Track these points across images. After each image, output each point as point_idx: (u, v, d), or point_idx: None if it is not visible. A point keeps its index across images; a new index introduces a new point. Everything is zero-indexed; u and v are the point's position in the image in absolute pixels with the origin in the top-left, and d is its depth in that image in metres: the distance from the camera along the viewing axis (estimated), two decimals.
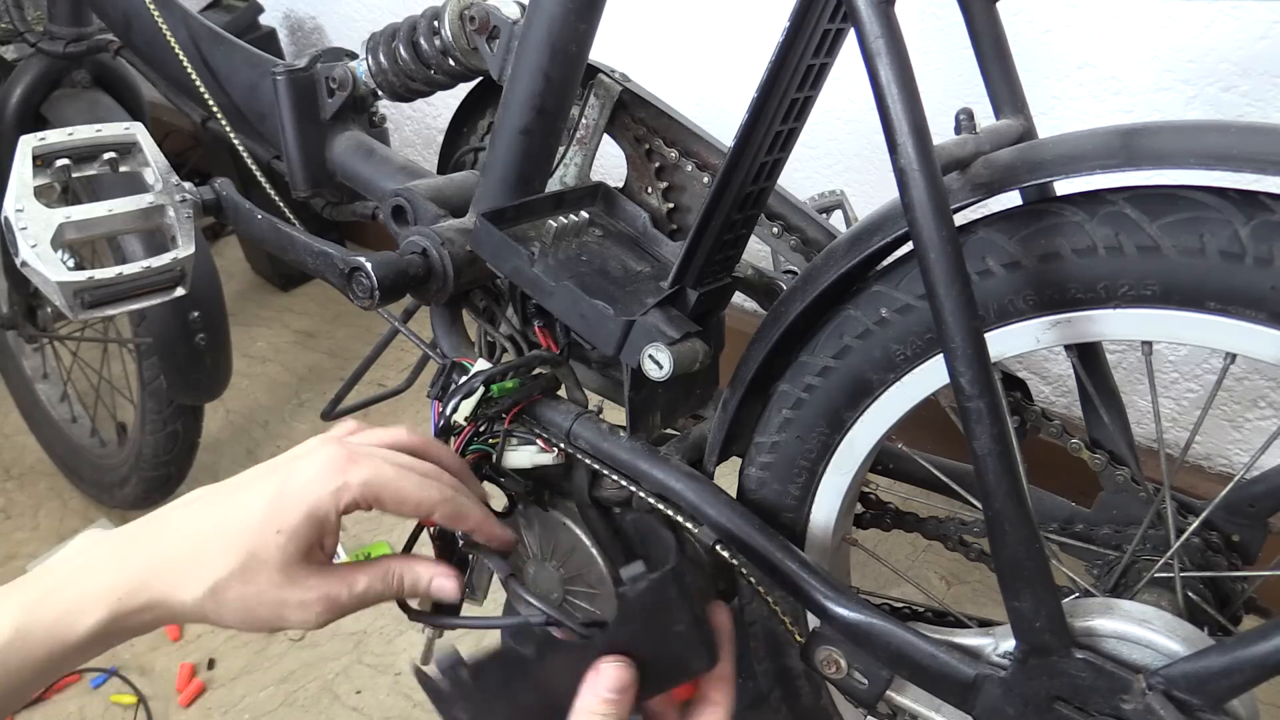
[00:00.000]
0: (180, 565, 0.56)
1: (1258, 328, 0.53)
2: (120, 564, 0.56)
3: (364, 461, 0.58)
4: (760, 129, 0.62)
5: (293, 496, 0.57)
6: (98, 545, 0.57)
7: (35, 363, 1.65)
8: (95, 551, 0.57)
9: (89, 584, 0.54)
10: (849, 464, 0.70)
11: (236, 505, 0.58)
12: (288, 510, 0.56)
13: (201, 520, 0.58)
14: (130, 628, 0.55)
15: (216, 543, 0.56)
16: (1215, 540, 0.71)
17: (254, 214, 0.90)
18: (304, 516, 0.56)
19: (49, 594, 0.54)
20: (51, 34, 1.24)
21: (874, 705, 0.70)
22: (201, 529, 0.57)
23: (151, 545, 0.57)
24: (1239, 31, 0.97)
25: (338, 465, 0.57)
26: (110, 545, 0.57)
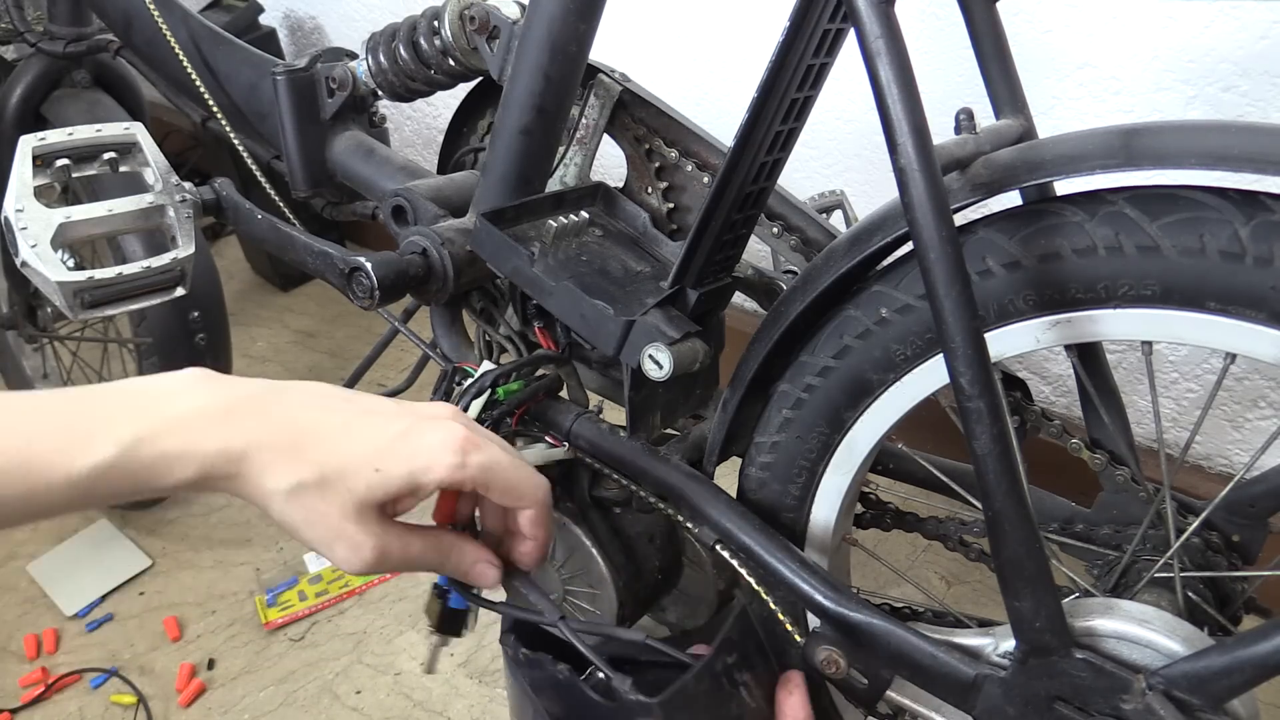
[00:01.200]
0: (281, 453, 0.55)
1: (1258, 328, 0.53)
2: (228, 428, 0.54)
3: (485, 447, 0.58)
4: (760, 129, 0.62)
5: (409, 451, 0.56)
6: (212, 390, 0.56)
7: (35, 363, 1.64)
8: (208, 401, 0.55)
9: (193, 440, 0.53)
10: (849, 464, 0.70)
11: (356, 425, 0.57)
12: (397, 459, 0.56)
13: (319, 419, 0.57)
14: (207, 488, 0.55)
15: (321, 448, 0.55)
16: (1215, 540, 0.71)
17: (254, 214, 0.90)
18: (406, 474, 0.56)
19: (155, 436, 0.53)
20: (51, 34, 1.24)
21: (874, 705, 0.70)
22: (313, 427, 0.56)
23: (265, 419, 0.56)
24: (1239, 31, 0.97)
25: (460, 444, 0.57)
26: (224, 399, 0.55)
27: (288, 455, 0.55)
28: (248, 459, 0.54)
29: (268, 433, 0.55)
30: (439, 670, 1.24)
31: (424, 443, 0.57)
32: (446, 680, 1.23)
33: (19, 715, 1.24)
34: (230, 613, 1.37)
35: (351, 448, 0.56)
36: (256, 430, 0.55)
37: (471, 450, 0.57)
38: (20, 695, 1.25)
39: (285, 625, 1.33)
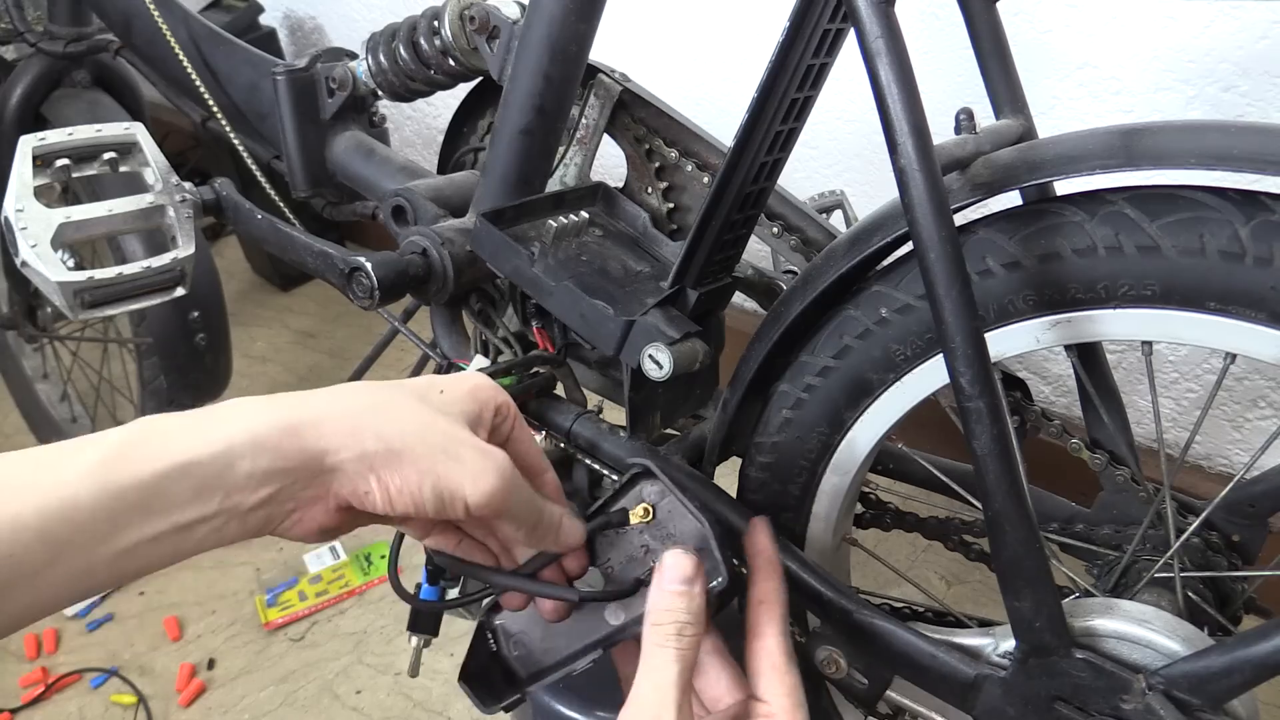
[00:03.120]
0: (332, 391, 0.49)
1: (1258, 328, 0.53)
2: (257, 398, 0.48)
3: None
4: (760, 129, 0.62)
5: (454, 377, 0.54)
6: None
7: (35, 363, 1.65)
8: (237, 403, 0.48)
9: (221, 406, 0.47)
10: (849, 464, 0.70)
11: (390, 384, 0.52)
12: (448, 384, 0.52)
13: (354, 389, 0.50)
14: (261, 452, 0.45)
15: (377, 386, 0.50)
16: (1215, 540, 0.71)
17: (254, 214, 0.90)
18: (466, 390, 0.52)
19: (174, 419, 0.46)
20: (51, 34, 1.24)
21: (874, 705, 0.70)
22: (357, 393, 0.49)
23: (294, 394, 0.49)
24: (1239, 31, 0.97)
25: (485, 378, 0.55)
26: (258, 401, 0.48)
27: (349, 415, 0.47)
28: (307, 397, 0.48)
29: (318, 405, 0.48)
30: (440, 670, 1.24)
31: (461, 376, 0.54)
32: (446, 680, 1.23)
33: (19, 715, 1.24)
34: (230, 613, 1.37)
35: (404, 386, 0.51)
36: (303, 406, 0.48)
37: (492, 383, 0.55)
38: (20, 695, 1.25)
39: (285, 625, 1.33)
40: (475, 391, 0.53)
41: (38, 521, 0.41)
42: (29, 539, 0.41)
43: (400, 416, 0.48)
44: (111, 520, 0.42)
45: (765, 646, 0.52)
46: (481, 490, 0.48)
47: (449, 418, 0.50)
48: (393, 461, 0.47)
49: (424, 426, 0.48)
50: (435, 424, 0.49)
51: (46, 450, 0.44)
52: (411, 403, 0.49)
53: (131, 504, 0.43)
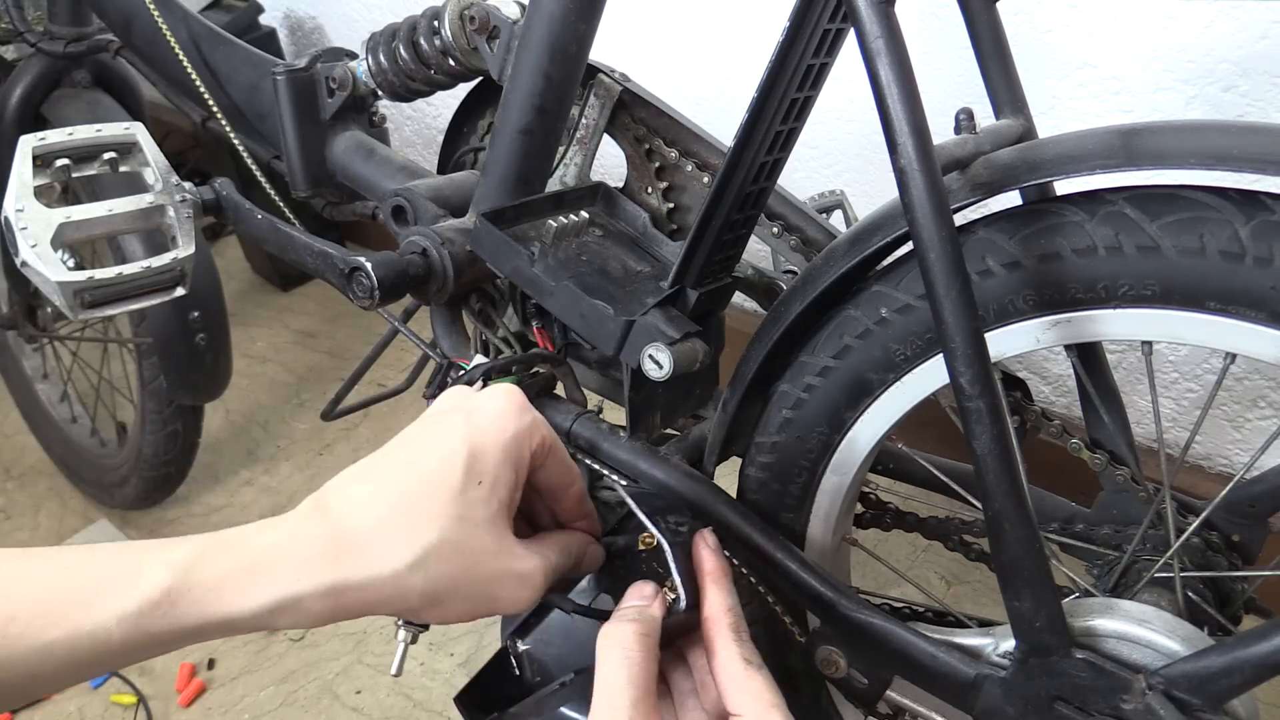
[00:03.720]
0: (372, 539, 0.47)
1: (1258, 328, 0.53)
2: (295, 537, 0.47)
3: (528, 404, 0.53)
4: (760, 129, 0.62)
5: (488, 437, 0.50)
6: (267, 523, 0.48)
7: (35, 363, 1.65)
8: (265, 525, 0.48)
9: (261, 553, 0.46)
10: (849, 464, 0.70)
11: (426, 458, 0.49)
12: (485, 453, 0.49)
13: (386, 487, 0.48)
14: (298, 612, 0.46)
15: (417, 506, 0.47)
16: (1215, 540, 0.71)
17: (254, 214, 0.90)
18: (504, 458, 0.49)
19: (216, 552, 0.46)
20: (51, 34, 1.24)
21: (874, 705, 0.70)
22: (389, 497, 0.48)
23: (330, 523, 0.47)
24: (1239, 31, 0.97)
25: (522, 402, 0.52)
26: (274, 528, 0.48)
27: (387, 537, 0.47)
28: (341, 562, 0.46)
29: (345, 529, 0.47)
30: (440, 670, 1.24)
31: (491, 415, 0.51)
32: (446, 680, 1.23)
33: (19, 715, 1.24)
34: None
35: (445, 481, 0.48)
36: (330, 533, 0.47)
37: (526, 404, 0.53)
38: None
39: None
40: (511, 453, 0.51)
41: (65, 653, 0.43)
42: (53, 665, 0.43)
43: (443, 565, 0.48)
44: (140, 651, 0.45)
45: (721, 662, 0.52)
46: (519, 608, 0.51)
47: (490, 530, 0.49)
48: (435, 608, 0.49)
49: (466, 569, 0.48)
50: (477, 559, 0.49)
51: (84, 575, 0.45)
52: (454, 534, 0.48)
53: (163, 643, 0.45)
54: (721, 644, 0.53)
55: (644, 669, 0.48)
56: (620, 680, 0.48)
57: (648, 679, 0.48)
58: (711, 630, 0.53)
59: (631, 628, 0.50)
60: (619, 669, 0.48)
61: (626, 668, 0.48)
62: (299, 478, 1.59)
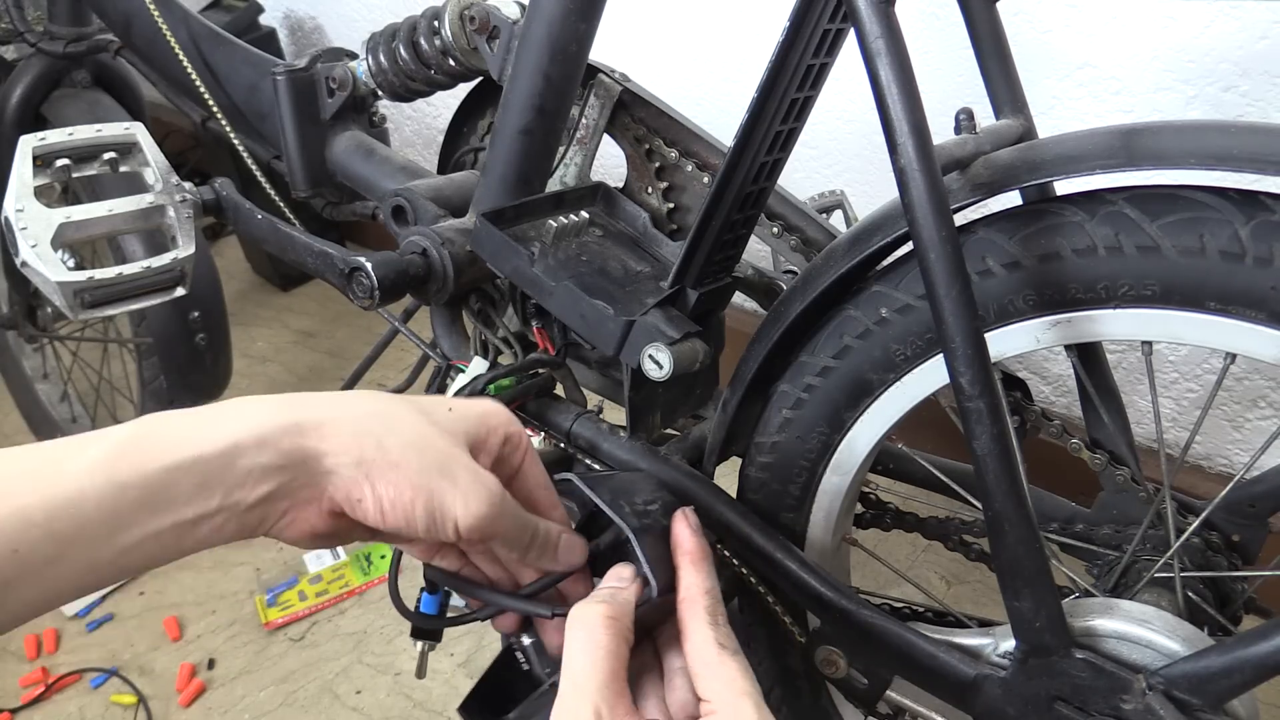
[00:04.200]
0: (338, 399, 0.49)
1: (1258, 328, 0.53)
2: (262, 397, 0.48)
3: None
4: (760, 129, 0.62)
5: (467, 400, 0.54)
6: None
7: (35, 363, 1.65)
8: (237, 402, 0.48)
9: (226, 404, 0.47)
10: (849, 464, 0.70)
11: (400, 396, 0.52)
12: (458, 402, 0.53)
13: (361, 396, 0.51)
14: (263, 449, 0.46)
15: (383, 396, 0.50)
16: (1215, 540, 0.71)
17: (254, 214, 0.90)
18: (476, 412, 0.52)
19: (178, 415, 0.46)
20: (51, 34, 1.24)
21: (874, 705, 0.70)
22: (362, 400, 0.50)
23: (298, 396, 0.49)
24: (1239, 31, 0.97)
25: (500, 405, 0.55)
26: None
27: (350, 421, 0.48)
28: (310, 399, 0.48)
29: (316, 408, 0.48)
30: (440, 670, 1.24)
31: (472, 400, 0.55)
32: (446, 680, 1.23)
33: (19, 715, 1.24)
34: (230, 613, 1.37)
35: (412, 400, 0.51)
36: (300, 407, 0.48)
37: (506, 410, 0.55)
38: (20, 695, 1.25)
39: (285, 625, 1.33)
40: (485, 416, 0.53)
41: (44, 517, 0.41)
42: (36, 535, 0.41)
43: (402, 429, 0.49)
44: (116, 515, 0.43)
45: (694, 646, 0.51)
46: (472, 512, 0.48)
47: (451, 436, 0.50)
48: (388, 472, 0.47)
49: (424, 441, 0.49)
50: (436, 441, 0.49)
51: (51, 445, 0.44)
52: (415, 416, 0.50)
53: (136, 499, 0.43)
54: (695, 626, 0.51)
55: (610, 651, 0.47)
56: (584, 662, 0.47)
57: (615, 661, 0.47)
58: (685, 612, 0.52)
59: (599, 609, 0.49)
60: (584, 651, 0.47)
61: (591, 650, 0.47)
62: None
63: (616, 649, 0.48)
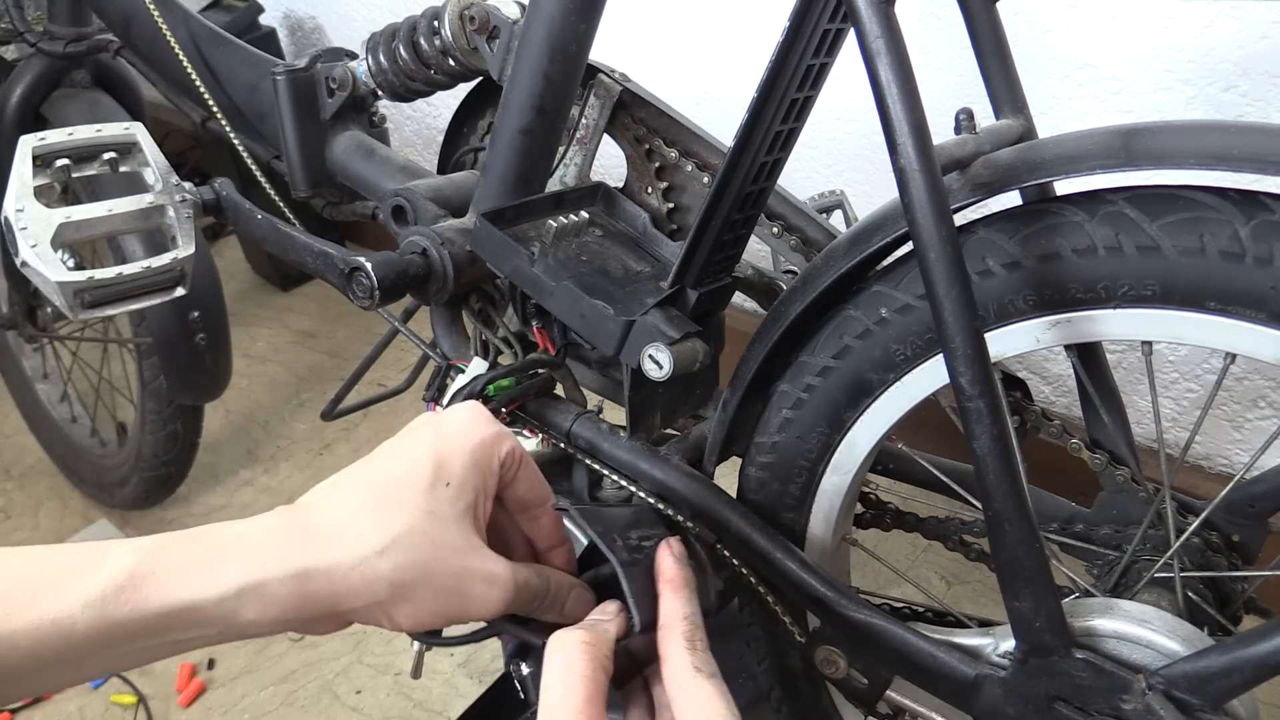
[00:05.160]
0: (341, 527, 0.48)
1: (1258, 328, 0.53)
2: (263, 528, 0.48)
3: (493, 419, 0.55)
4: (760, 129, 0.62)
5: (454, 443, 0.51)
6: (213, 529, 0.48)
7: (35, 363, 1.65)
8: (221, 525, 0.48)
9: (228, 540, 0.46)
10: (849, 464, 0.70)
11: (395, 463, 0.51)
12: (452, 457, 0.51)
13: (356, 486, 0.50)
14: (269, 601, 0.46)
15: (386, 500, 0.49)
16: (1215, 540, 0.71)
17: (254, 214, 0.90)
18: (470, 462, 0.51)
19: (179, 542, 0.46)
20: (51, 34, 1.24)
21: (874, 705, 0.70)
22: (360, 493, 0.50)
23: (301, 517, 0.49)
24: (1239, 31, 0.97)
25: (487, 415, 0.54)
26: (243, 522, 0.48)
27: (356, 528, 0.48)
28: (307, 549, 0.47)
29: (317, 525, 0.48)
30: (440, 670, 1.24)
31: (459, 425, 0.53)
32: (446, 680, 1.23)
33: (19, 715, 1.24)
34: None
35: (414, 481, 0.50)
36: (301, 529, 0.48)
37: (491, 418, 0.54)
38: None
39: None
40: (479, 458, 0.52)
41: (30, 643, 0.42)
42: (19, 657, 0.42)
43: (411, 553, 0.49)
44: (107, 645, 0.43)
45: (669, 670, 0.51)
46: (491, 613, 0.51)
47: (458, 524, 0.50)
48: (404, 607, 0.49)
49: (435, 565, 0.49)
50: (445, 557, 0.49)
51: (48, 563, 0.44)
52: (421, 530, 0.49)
53: (130, 633, 0.44)
54: (672, 651, 0.51)
55: (586, 677, 0.47)
56: (560, 687, 0.47)
57: (590, 686, 0.47)
58: (663, 637, 0.52)
59: (576, 635, 0.49)
60: (560, 676, 0.47)
61: (567, 675, 0.47)
62: (299, 478, 1.59)
63: (593, 675, 0.48)
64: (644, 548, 0.57)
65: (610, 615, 0.54)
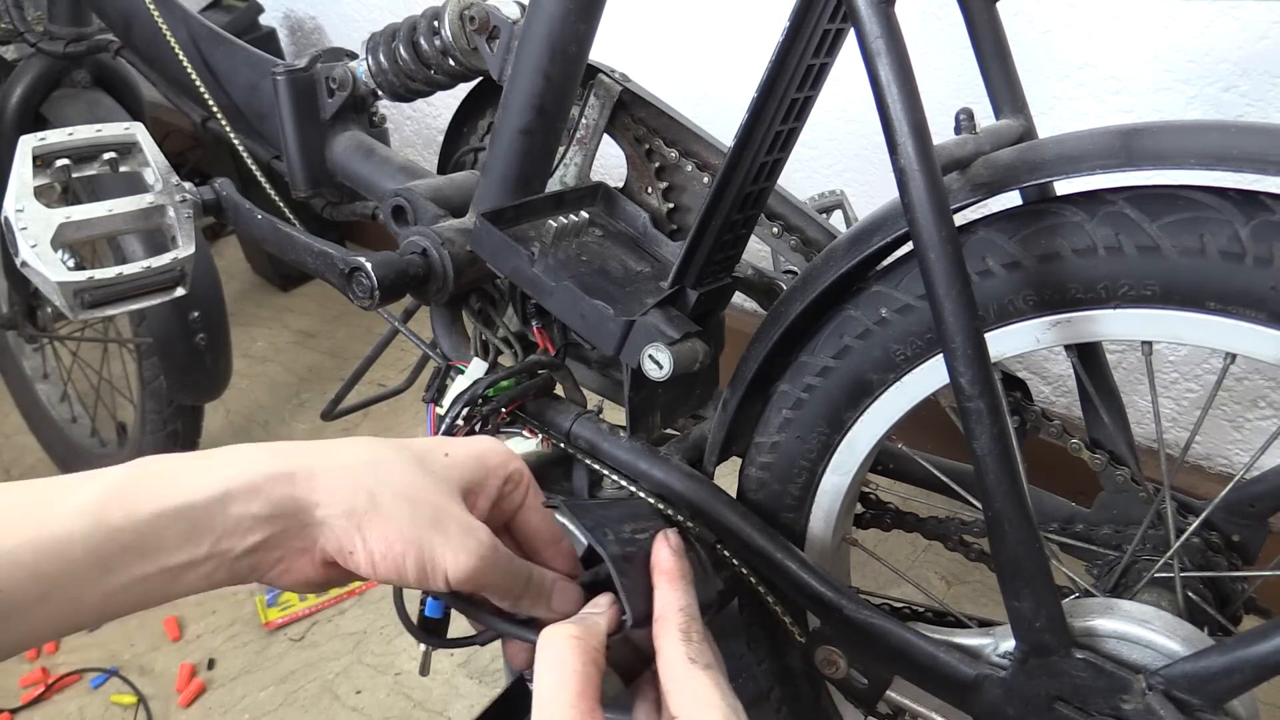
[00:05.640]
0: (328, 445, 0.49)
1: (1258, 328, 0.53)
2: (263, 453, 0.48)
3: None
4: (760, 129, 0.62)
5: (466, 441, 0.54)
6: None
7: (35, 363, 1.65)
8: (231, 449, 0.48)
9: (218, 451, 0.47)
10: (849, 464, 0.70)
11: (395, 442, 0.52)
12: (455, 443, 0.53)
13: (355, 444, 0.51)
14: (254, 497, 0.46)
15: (378, 443, 0.51)
16: (1215, 540, 0.71)
17: (254, 214, 0.90)
18: (473, 455, 0.53)
19: (172, 460, 0.46)
20: (51, 34, 1.24)
21: (874, 705, 0.70)
22: (356, 448, 0.50)
23: (291, 444, 0.49)
24: (1239, 31, 0.97)
25: (501, 444, 0.55)
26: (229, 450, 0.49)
27: (343, 470, 0.48)
28: (303, 448, 0.48)
29: (310, 456, 0.48)
30: (440, 670, 1.24)
31: (470, 440, 0.55)
32: (446, 680, 1.23)
33: (19, 715, 1.24)
34: (230, 613, 1.37)
35: (410, 443, 0.51)
36: (294, 456, 0.48)
37: (506, 447, 0.55)
38: (20, 695, 1.25)
39: (285, 625, 1.33)
40: (484, 457, 0.53)
41: (31, 558, 0.41)
42: (22, 575, 0.41)
43: (394, 479, 0.49)
44: (104, 559, 0.43)
45: (664, 665, 0.50)
46: (461, 566, 0.49)
47: (445, 485, 0.51)
48: (379, 524, 0.48)
49: (416, 492, 0.49)
50: (428, 492, 0.50)
51: (43, 484, 0.45)
52: (409, 465, 0.50)
53: (125, 544, 0.43)
54: (667, 643, 0.51)
55: (575, 671, 0.47)
56: (550, 682, 0.47)
57: (580, 681, 0.47)
58: (658, 630, 0.52)
59: (565, 630, 0.49)
60: (550, 671, 0.48)
61: (557, 670, 0.47)
62: None
63: (582, 669, 0.47)
64: (638, 541, 0.56)
65: (602, 608, 0.54)
